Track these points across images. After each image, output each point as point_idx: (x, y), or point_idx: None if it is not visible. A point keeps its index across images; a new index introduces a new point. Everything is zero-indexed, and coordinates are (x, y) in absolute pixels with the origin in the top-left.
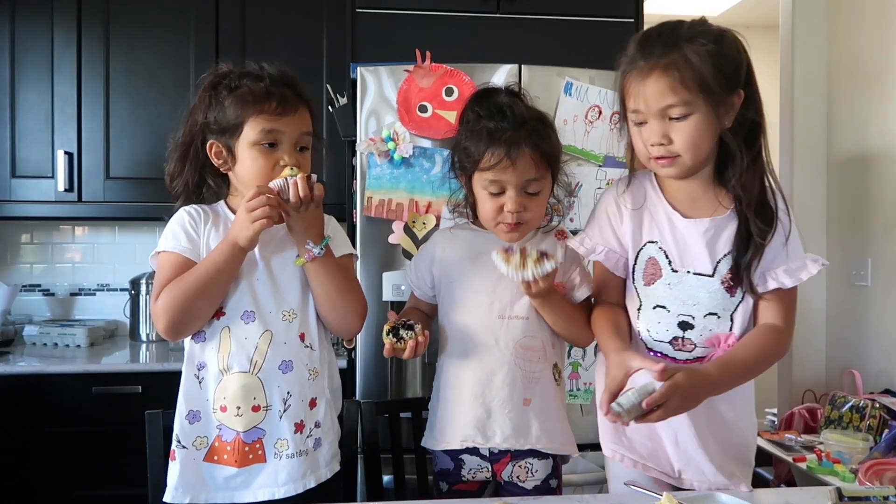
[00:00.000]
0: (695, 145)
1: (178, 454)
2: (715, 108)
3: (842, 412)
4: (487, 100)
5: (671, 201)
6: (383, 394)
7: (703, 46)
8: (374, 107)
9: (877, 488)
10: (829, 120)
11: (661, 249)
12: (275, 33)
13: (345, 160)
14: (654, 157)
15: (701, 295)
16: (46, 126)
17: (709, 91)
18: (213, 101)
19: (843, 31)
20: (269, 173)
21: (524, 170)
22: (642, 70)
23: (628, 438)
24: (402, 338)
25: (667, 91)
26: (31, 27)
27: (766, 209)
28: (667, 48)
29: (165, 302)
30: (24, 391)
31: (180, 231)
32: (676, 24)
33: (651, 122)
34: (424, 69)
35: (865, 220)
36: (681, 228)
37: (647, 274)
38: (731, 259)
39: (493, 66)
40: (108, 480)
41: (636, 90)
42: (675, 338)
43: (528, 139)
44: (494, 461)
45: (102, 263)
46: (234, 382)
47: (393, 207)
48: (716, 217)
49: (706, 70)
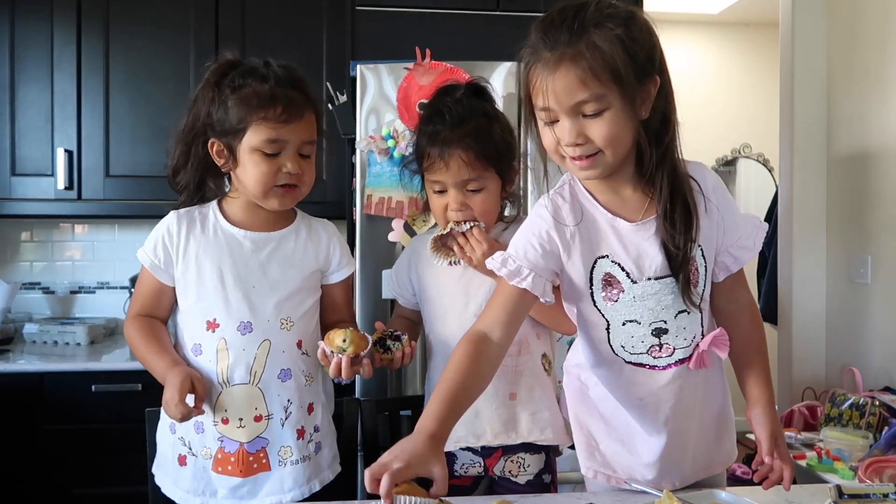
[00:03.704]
0: (614, 141)
1: (189, 460)
2: (630, 98)
3: (842, 410)
4: (437, 100)
5: (606, 207)
6: (383, 392)
7: (612, 31)
8: (374, 104)
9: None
10: (829, 117)
11: (614, 263)
12: (275, 31)
13: (344, 158)
14: (571, 157)
15: (668, 298)
16: (46, 124)
17: (622, 81)
18: (217, 98)
19: (843, 29)
20: (271, 179)
21: (458, 170)
22: (548, 62)
23: (601, 454)
24: (390, 348)
25: (577, 85)
26: (30, 25)
27: (677, 207)
28: (573, 35)
29: (127, 338)
30: (25, 389)
31: (159, 244)
32: (580, 5)
33: (563, 121)
34: (424, 67)
35: (865, 218)
36: (628, 235)
37: (608, 292)
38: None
39: (492, 64)
40: (109, 478)
41: (543, 85)
42: (652, 346)
43: (461, 141)
44: (486, 456)
45: (102, 261)
46: (235, 394)
47: (393, 205)
48: (658, 215)
49: (618, 58)
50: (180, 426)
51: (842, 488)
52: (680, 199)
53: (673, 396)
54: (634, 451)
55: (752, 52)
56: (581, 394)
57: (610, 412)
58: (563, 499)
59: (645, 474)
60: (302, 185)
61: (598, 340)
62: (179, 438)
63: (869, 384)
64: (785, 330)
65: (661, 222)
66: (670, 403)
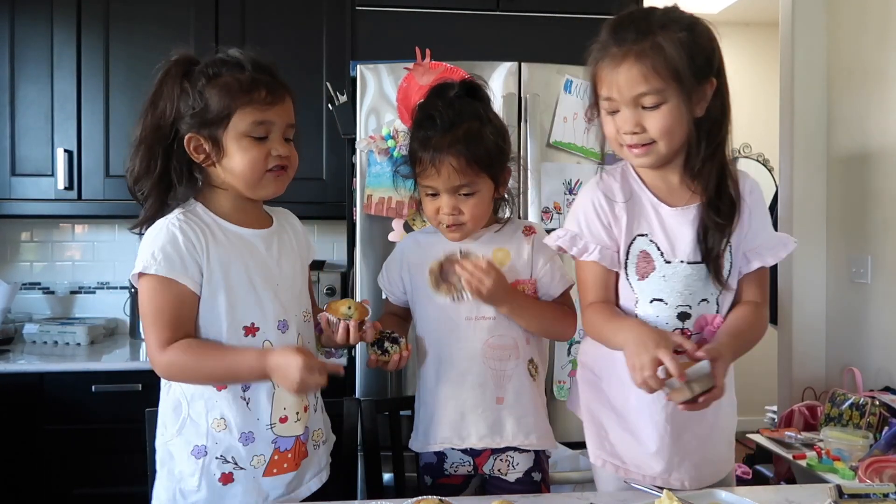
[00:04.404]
0: (668, 133)
1: (237, 475)
2: (687, 96)
3: (842, 410)
4: (428, 102)
5: (653, 191)
6: (383, 392)
7: (676, 34)
8: (374, 104)
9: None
10: (829, 117)
11: (651, 242)
12: (275, 31)
13: (344, 158)
14: (628, 145)
15: (695, 283)
16: (46, 124)
17: (681, 79)
18: (189, 92)
19: (843, 28)
20: (262, 163)
21: (449, 177)
22: (615, 57)
23: (611, 443)
24: (387, 350)
25: (639, 79)
26: (30, 25)
27: (723, 199)
28: (640, 35)
29: (172, 369)
30: (25, 389)
31: (174, 254)
32: (649, 11)
33: (624, 111)
34: (424, 67)
35: (865, 218)
36: (668, 218)
37: (640, 268)
38: (707, 246)
39: (492, 64)
40: (109, 478)
41: (609, 77)
42: (675, 329)
43: (452, 147)
44: (475, 455)
45: (102, 261)
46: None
47: (393, 205)
48: (699, 204)
49: (679, 58)
50: (216, 446)
51: (842, 488)
52: (726, 192)
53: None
54: (641, 440)
55: (752, 52)
56: (593, 385)
57: (620, 402)
58: (563, 499)
59: (653, 465)
60: (290, 168)
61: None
62: (218, 457)
63: (869, 384)
64: (785, 330)
65: (706, 211)
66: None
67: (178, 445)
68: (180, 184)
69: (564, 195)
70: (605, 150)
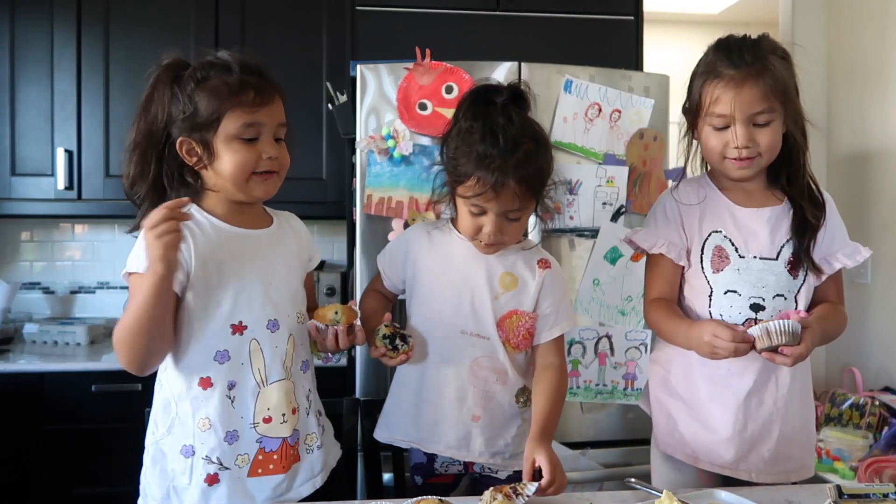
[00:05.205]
0: (774, 148)
1: (223, 476)
2: (790, 114)
3: (842, 410)
4: (484, 109)
5: (729, 196)
6: (383, 391)
7: (781, 59)
8: (374, 104)
9: (876, 486)
10: (829, 117)
11: (725, 238)
12: (274, 31)
13: (344, 158)
14: (733, 158)
15: (768, 278)
16: (46, 124)
17: (788, 100)
18: (180, 96)
19: (843, 28)
20: (251, 166)
21: (506, 202)
22: (734, 78)
23: (680, 433)
24: (397, 348)
25: (759, 98)
26: (30, 25)
27: (814, 199)
28: (756, 59)
29: (115, 343)
30: (24, 389)
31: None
32: (757, 38)
33: (738, 127)
34: (424, 67)
35: (865, 218)
36: (742, 218)
37: (715, 262)
38: (792, 245)
39: (492, 64)
40: (109, 478)
41: (727, 96)
42: (748, 319)
43: (515, 171)
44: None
45: (102, 261)
46: (276, 391)
47: (393, 205)
48: (774, 207)
49: (788, 80)
50: (202, 445)
51: (842, 488)
52: (814, 197)
53: (755, 372)
54: (712, 427)
55: None
56: (663, 380)
57: (690, 394)
58: (563, 499)
59: (722, 454)
60: (280, 171)
61: (699, 308)
62: (204, 458)
63: (869, 384)
64: None
65: (799, 212)
66: (752, 378)
67: (169, 444)
68: (171, 188)
69: (565, 195)
70: (610, 152)
